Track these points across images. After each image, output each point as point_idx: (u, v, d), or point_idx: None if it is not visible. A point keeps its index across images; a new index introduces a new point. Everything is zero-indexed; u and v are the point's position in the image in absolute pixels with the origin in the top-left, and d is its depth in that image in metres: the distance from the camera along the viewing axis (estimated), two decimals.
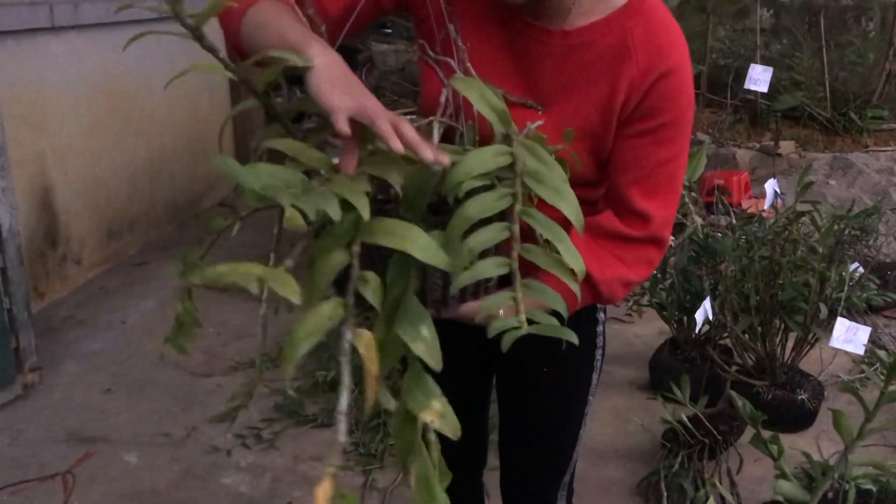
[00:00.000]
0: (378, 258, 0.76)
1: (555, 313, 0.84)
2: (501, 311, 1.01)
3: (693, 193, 3.11)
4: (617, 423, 2.68)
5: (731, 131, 5.10)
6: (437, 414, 0.72)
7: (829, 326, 2.28)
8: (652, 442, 2.50)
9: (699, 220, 2.90)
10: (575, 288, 0.79)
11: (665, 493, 2.21)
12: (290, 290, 0.68)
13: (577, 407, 1.36)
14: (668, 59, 1.10)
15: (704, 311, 2.38)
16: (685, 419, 2.31)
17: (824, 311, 2.40)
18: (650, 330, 3.27)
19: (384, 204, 0.80)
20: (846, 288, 2.41)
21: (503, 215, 0.79)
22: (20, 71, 3.22)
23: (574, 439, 1.38)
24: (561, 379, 1.33)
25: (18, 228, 2.72)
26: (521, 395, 1.38)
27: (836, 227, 2.51)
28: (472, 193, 0.76)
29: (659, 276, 2.81)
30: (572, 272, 0.83)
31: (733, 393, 1.43)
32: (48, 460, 2.41)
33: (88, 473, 2.35)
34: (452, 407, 0.75)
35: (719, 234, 2.66)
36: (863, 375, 2.91)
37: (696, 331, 2.57)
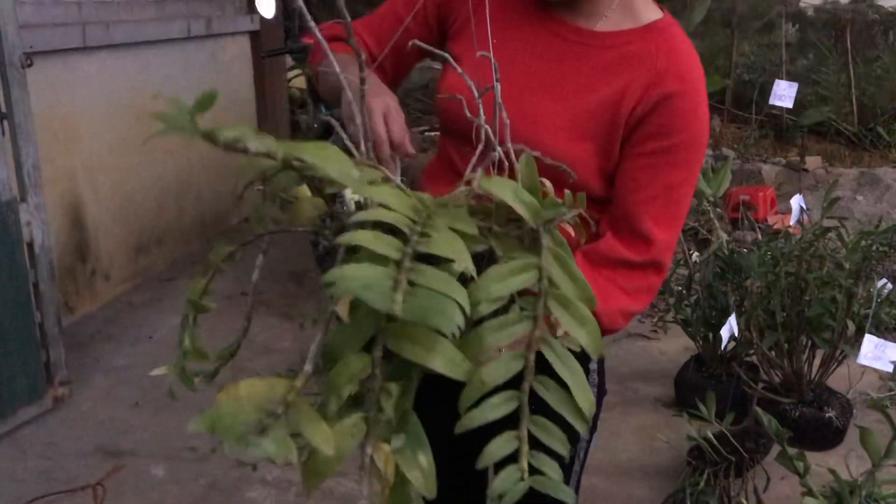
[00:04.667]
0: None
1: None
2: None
3: (718, 209, 3.10)
4: (642, 440, 2.66)
5: (757, 147, 5.07)
6: None
7: (856, 343, 2.26)
8: (677, 459, 2.48)
9: (724, 236, 2.89)
10: (581, 429, 0.76)
11: None
12: (321, 438, 0.60)
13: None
14: (684, 79, 1.11)
15: (730, 328, 2.37)
16: (711, 436, 2.30)
17: (852, 327, 2.38)
18: (675, 346, 3.26)
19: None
20: (874, 304, 2.39)
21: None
22: (53, 90, 3.29)
23: (567, 477, 1.36)
24: (548, 418, 1.32)
25: (50, 245, 2.77)
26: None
27: (863, 244, 2.49)
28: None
29: (684, 292, 2.80)
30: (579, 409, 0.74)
31: (759, 409, 1.42)
32: (77, 473, 2.44)
33: (116, 486, 2.37)
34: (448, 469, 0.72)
35: (745, 250, 2.64)
36: (892, 393, 2.88)
37: (722, 347, 2.55)
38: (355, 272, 0.61)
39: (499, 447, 0.68)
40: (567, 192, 0.74)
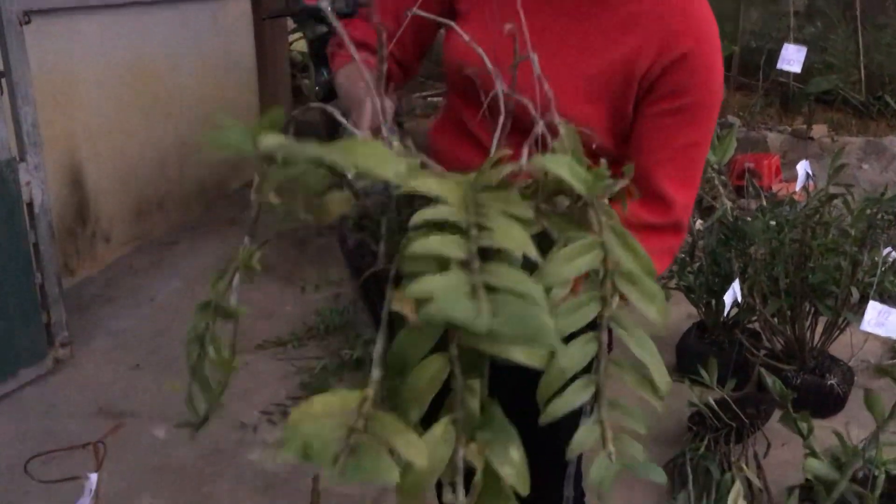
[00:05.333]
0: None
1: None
2: None
3: (723, 177, 3.07)
4: (643, 406, 2.66)
5: (763, 114, 5.03)
6: None
7: (860, 310, 2.25)
8: (678, 425, 2.49)
9: (729, 204, 2.87)
10: (658, 405, 0.74)
11: (691, 476, 2.19)
12: (413, 449, 0.57)
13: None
14: (699, 38, 1.09)
15: (733, 293, 2.35)
16: (712, 402, 2.30)
17: (856, 294, 2.37)
18: (677, 313, 3.24)
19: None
20: (879, 272, 2.38)
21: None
22: (52, 50, 3.25)
23: (572, 429, 1.36)
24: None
25: (50, 205, 2.76)
26: (520, 389, 1.37)
27: (868, 211, 2.47)
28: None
29: (687, 259, 2.79)
30: (656, 395, 0.75)
31: (763, 370, 1.42)
32: (78, 433, 2.45)
33: (117, 447, 2.38)
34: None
35: (749, 218, 2.62)
36: (895, 361, 2.87)
37: (725, 313, 2.55)
38: (432, 284, 0.56)
39: (586, 435, 0.68)
40: (602, 160, 0.71)
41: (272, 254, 3.69)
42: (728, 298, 2.37)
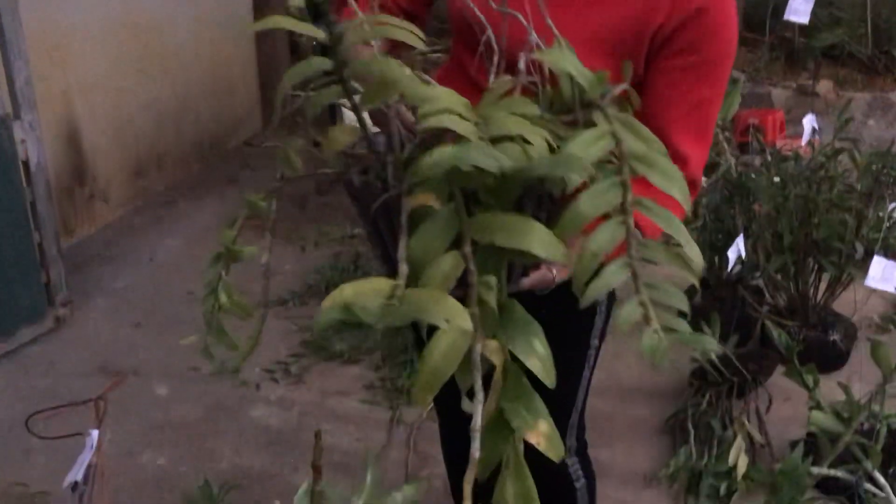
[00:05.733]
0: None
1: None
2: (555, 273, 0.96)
3: (727, 133, 3.03)
4: (644, 362, 2.66)
5: (767, 70, 4.96)
6: (544, 436, 0.67)
7: (864, 266, 2.23)
8: (680, 381, 2.49)
9: (733, 160, 2.83)
10: (696, 283, 0.74)
11: (692, 432, 2.20)
12: (455, 312, 0.59)
13: (577, 350, 1.34)
14: None
15: (737, 250, 2.34)
16: (714, 358, 2.29)
17: (860, 250, 2.35)
18: (680, 271, 3.23)
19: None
20: (884, 227, 2.35)
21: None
22: (44, 5, 3.18)
23: (576, 382, 1.37)
24: (557, 322, 1.32)
25: (46, 164, 2.73)
26: None
27: (874, 166, 2.44)
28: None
29: (691, 216, 2.76)
30: (692, 271, 0.75)
31: (769, 324, 1.40)
32: (80, 391, 2.44)
33: (120, 405, 2.38)
34: None
35: (753, 174, 2.59)
36: None
37: (729, 269, 2.53)
38: (460, 149, 0.61)
39: (630, 312, 0.68)
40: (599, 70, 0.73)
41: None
42: (732, 255, 2.36)
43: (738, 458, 2.07)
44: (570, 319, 1.32)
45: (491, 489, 0.68)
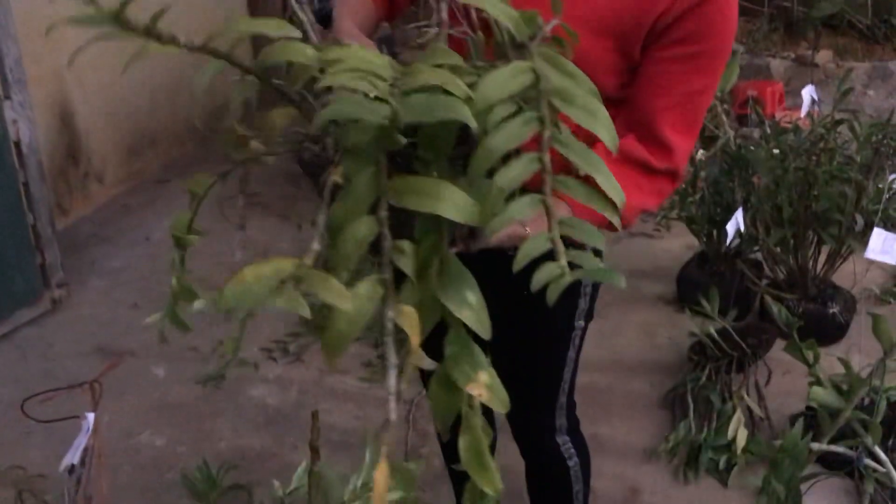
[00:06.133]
0: (399, 211, 0.68)
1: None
2: (528, 230, 0.96)
3: (725, 105, 3.01)
4: (643, 337, 2.66)
5: (766, 41, 4.91)
6: (485, 387, 0.67)
7: (864, 238, 2.22)
8: (679, 356, 2.48)
9: (731, 132, 2.81)
10: (616, 222, 0.72)
11: (692, 406, 2.20)
12: (336, 294, 0.59)
13: (561, 331, 1.34)
14: None
15: (736, 223, 2.32)
16: (713, 332, 2.29)
17: (860, 222, 2.34)
18: (678, 245, 3.22)
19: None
20: (884, 199, 2.34)
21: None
22: None
23: (561, 362, 1.37)
24: (541, 303, 1.31)
25: (38, 144, 2.70)
26: (502, 320, 1.35)
27: (874, 137, 2.41)
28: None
29: (689, 189, 2.74)
30: (612, 204, 0.74)
31: (769, 299, 1.39)
32: (78, 373, 2.44)
33: (118, 386, 2.38)
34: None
35: (752, 147, 2.57)
36: None
37: (728, 243, 2.52)
38: (346, 100, 0.60)
39: (535, 245, 0.67)
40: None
41: (268, 192, 3.64)
42: (731, 228, 2.34)
43: (738, 431, 2.07)
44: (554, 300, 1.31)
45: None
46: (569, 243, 0.68)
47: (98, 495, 1.38)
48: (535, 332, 1.34)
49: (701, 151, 3.13)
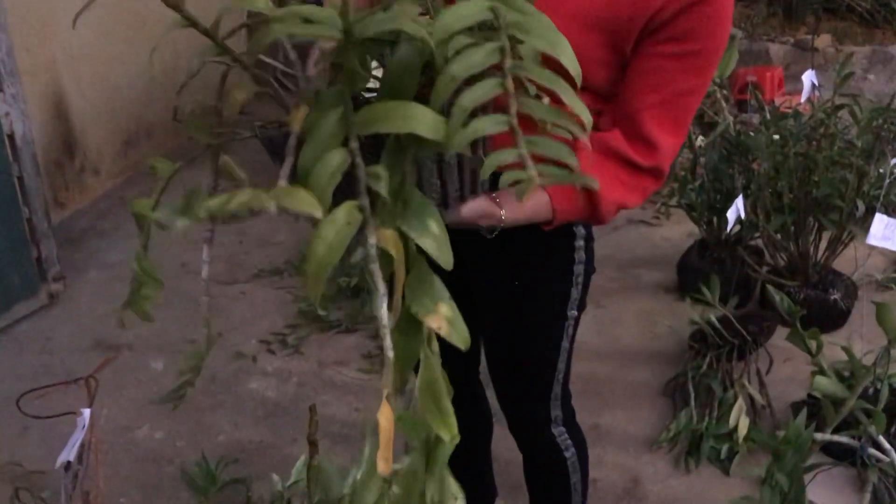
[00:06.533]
0: (366, 153, 0.69)
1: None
2: (503, 212, 0.95)
3: (724, 91, 2.98)
4: (644, 325, 2.65)
5: (765, 25, 4.88)
6: (445, 319, 0.66)
7: (865, 224, 2.20)
8: (679, 344, 2.47)
9: (731, 118, 2.79)
10: (574, 164, 0.71)
11: (693, 394, 2.19)
12: (309, 204, 0.60)
13: (554, 321, 1.33)
14: None
15: (736, 210, 2.30)
16: (714, 320, 2.27)
17: (861, 208, 2.32)
18: (678, 232, 3.21)
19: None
20: (885, 184, 2.32)
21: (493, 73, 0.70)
22: None
23: (555, 352, 1.36)
24: (532, 293, 1.31)
25: (33, 137, 2.68)
26: (494, 310, 1.35)
27: (875, 122, 2.39)
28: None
29: (689, 176, 2.73)
30: (581, 127, 0.72)
31: (771, 288, 1.38)
32: (76, 367, 2.43)
33: (116, 379, 2.37)
34: None
35: (752, 133, 2.55)
36: None
37: (728, 230, 2.50)
38: (286, 22, 0.62)
39: (502, 156, 0.66)
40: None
41: (264, 184, 3.62)
42: (731, 215, 2.32)
43: (739, 420, 2.06)
44: (546, 290, 1.30)
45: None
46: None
47: (96, 491, 1.37)
48: (528, 323, 1.33)
49: (700, 138, 3.12)
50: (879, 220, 2.06)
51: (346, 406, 2.29)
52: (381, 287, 0.62)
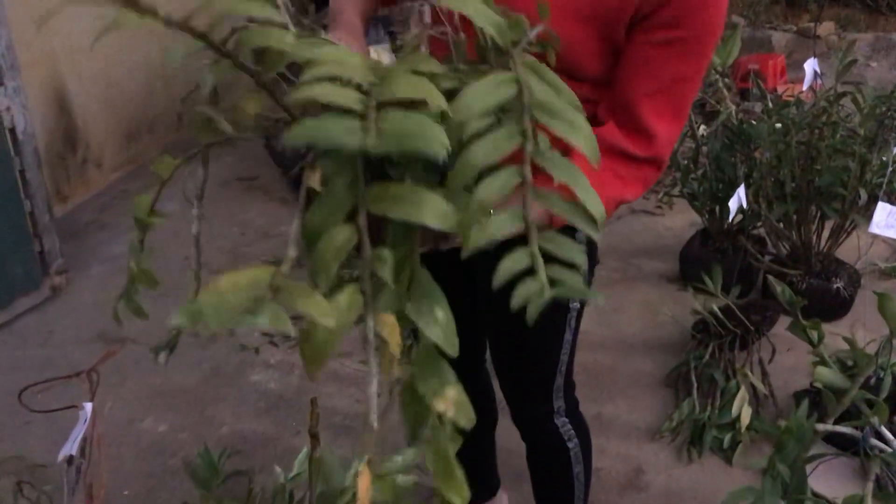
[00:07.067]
0: (369, 220, 0.67)
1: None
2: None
3: (727, 79, 2.97)
4: (646, 315, 2.64)
5: (767, 13, 4.86)
6: (452, 402, 0.66)
7: (868, 212, 2.20)
8: (682, 334, 2.47)
9: (733, 107, 2.78)
10: (596, 236, 0.70)
11: (695, 384, 2.19)
12: (319, 310, 0.57)
13: (556, 312, 1.32)
14: None
15: (738, 199, 2.30)
16: (716, 310, 2.27)
17: (864, 196, 2.31)
18: (680, 222, 3.20)
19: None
20: (888, 172, 2.31)
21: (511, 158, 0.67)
22: None
23: (558, 344, 1.35)
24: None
25: (34, 130, 2.68)
26: (497, 302, 1.34)
27: (878, 110, 2.38)
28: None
29: (691, 165, 2.72)
30: (592, 217, 0.70)
31: (772, 278, 1.37)
32: (79, 360, 2.43)
33: (119, 372, 2.37)
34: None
35: (754, 121, 2.54)
36: None
37: (730, 219, 2.50)
38: (318, 122, 0.56)
39: (513, 262, 0.64)
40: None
41: (267, 175, 3.62)
42: (733, 204, 2.32)
43: (742, 409, 2.06)
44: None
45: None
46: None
47: (98, 484, 1.38)
48: (525, 318, 1.32)
49: (702, 127, 3.11)
50: (882, 209, 2.06)
51: (349, 398, 2.30)
52: (376, 369, 0.62)
